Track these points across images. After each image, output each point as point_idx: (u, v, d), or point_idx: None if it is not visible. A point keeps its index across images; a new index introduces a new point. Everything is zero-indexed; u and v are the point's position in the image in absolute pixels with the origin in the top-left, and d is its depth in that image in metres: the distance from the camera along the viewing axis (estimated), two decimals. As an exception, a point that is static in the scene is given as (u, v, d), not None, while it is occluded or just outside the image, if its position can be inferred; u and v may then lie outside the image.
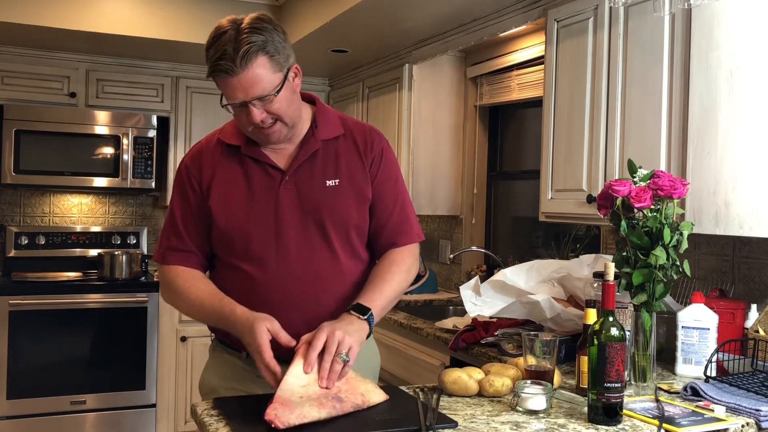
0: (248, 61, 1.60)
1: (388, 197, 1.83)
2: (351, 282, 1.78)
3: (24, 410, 3.86)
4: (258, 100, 1.63)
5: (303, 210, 1.74)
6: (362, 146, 1.81)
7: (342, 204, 1.76)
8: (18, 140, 4.13)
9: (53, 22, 3.72)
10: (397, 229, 1.83)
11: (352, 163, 1.79)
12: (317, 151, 1.77)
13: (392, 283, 1.75)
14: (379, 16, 3.30)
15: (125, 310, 4.09)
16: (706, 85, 2.04)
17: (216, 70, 1.63)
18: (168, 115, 4.52)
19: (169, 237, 1.81)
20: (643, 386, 1.84)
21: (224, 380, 1.81)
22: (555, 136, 2.70)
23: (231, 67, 1.60)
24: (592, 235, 3.18)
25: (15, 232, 4.41)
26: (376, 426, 1.45)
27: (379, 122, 4.07)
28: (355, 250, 1.81)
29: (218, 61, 1.61)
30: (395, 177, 1.86)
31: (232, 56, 1.59)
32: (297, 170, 1.76)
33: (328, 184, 1.76)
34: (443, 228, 4.20)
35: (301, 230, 1.74)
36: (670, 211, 1.84)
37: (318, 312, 1.72)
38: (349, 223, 1.77)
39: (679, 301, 2.37)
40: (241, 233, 1.73)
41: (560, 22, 2.68)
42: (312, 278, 1.74)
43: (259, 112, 1.65)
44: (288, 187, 1.75)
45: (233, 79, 1.61)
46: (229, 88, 1.63)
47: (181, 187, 1.81)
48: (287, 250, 1.73)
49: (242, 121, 1.69)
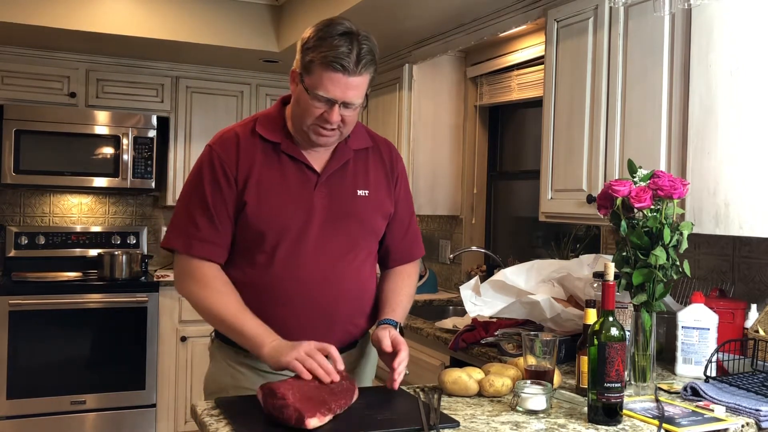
0: (364, 68, 1.66)
1: (406, 214, 1.94)
2: (366, 286, 1.85)
3: (24, 410, 3.86)
4: (345, 105, 1.67)
5: (333, 215, 1.77)
6: (388, 163, 1.89)
7: (370, 214, 1.83)
8: (18, 140, 4.12)
9: (53, 22, 3.71)
10: (412, 245, 1.97)
11: (379, 176, 1.86)
12: (349, 160, 1.82)
13: (411, 298, 1.93)
14: (379, 16, 3.30)
15: (125, 310, 4.09)
16: (706, 85, 2.04)
17: (333, 62, 1.63)
18: (168, 115, 4.53)
19: (197, 224, 1.73)
20: (643, 386, 1.84)
21: (233, 379, 1.81)
22: (555, 136, 2.70)
23: (351, 68, 1.64)
24: (592, 235, 3.18)
25: (15, 232, 4.41)
26: (377, 426, 1.45)
27: (379, 122, 4.07)
28: (372, 258, 1.88)
29: (340, 56, 1.62)
30: (409, 193, 1.98)
31: (355, 59, 1.63)
32: (331, 176, 1.79)
33: (359, 193, 1.81)
34: (443, 228, 4.20)
35: (329, 234, 1.77)
36: (670, 211, 1.84)
37: (332, 313, 1.77)
38: (374, 233, 1.85)
39: (679, 301, 2.37)
40: (274, 231, 1.73)
41: (560, 22, 2.68)
42: (333, 281, 1.76)
43: (338, 115, 1.68)
44: (322, 190, 1.77)
45: (343, 77, 1.64)
46: (332, 83, 1.65)
47: (212, 173, 1.74)
48: (313, 251, 1.75)
49: (313, 114, 1.69)
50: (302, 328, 1.72)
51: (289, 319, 1.74)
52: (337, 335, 1.78)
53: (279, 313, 1.74)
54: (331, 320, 1.77)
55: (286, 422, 1.41)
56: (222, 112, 4.59)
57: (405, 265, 1.96)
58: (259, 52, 4.20)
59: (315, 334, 1.71)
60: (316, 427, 1.40)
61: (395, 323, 1.78)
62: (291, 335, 1.68)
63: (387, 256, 1.94)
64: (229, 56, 4.31)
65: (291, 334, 1.68)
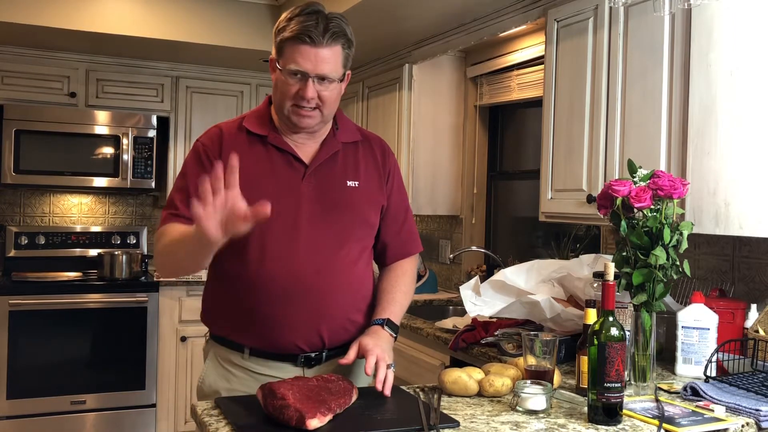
0: (333, 41, 1.69)
1: (400, 209, 1.93)
2: (359, 279, 1.83)
3: (24, 410, 3.86)
4: (319, 79, 1.69)
5: (323, 206, 1.78)
6: (380, 157, 1.90)
7: (361, 205, 1.82)
8: (18, 140, 4.13)
9: (53, 22, 3.72)
10: (408, 241, 1.96)
11: (370, 169, 1.86)
12: (338, 152, 1.83)
13: (408, 295, 1.91)
14: (379, 16, 3.30)
15: (125, 310, 4.09)
16: (706, 85, 2.04)
17: (301, 35, 1.67)
18: (168, 115, 4.53)
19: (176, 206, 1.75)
20: (643, 386, 1.84)
21: (227, 382, 1.81)
22: (555, 136, 2.70)
23: (318, 38, 1.67)
24: (592, 235, 3.18)
25: (15, 232, 4.41)
26: (377, 426, 1.45)
27: (379, 122, 4.07)
28: (366, 250, 1.86)
29: (307, 29, 1.66)
30: (403, 188, 1.97)
31: (322, 30, 1.67)
32: (319, 167, 1.80)
33: (349, 184, 1.81)
34: (443, 228, 4.20)
35: (319, 226, 1.76)
36: (670, 211, 1.84)
37: (325, 305, 1.76)
38: (365, 223, 1.84)
39: (679, 301, 2.37)
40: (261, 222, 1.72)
41: (560, 22, 2.68)
42: (325, 273, 1.75)
43: (313, 90, 1.70)
44: (310, 181, 1.78)
45: (312, 49, 1.67)
46: (302, 56, 1.68)
47: (195, 159, 1.79)
48: (303, 243, 1.75)
49: (289, 92, 1.71)
50: (294, 323, 1.72)
51: (282, 312, 1.73)
52: (331, 330, 1.77)
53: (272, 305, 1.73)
54: (324, 314, 1.75)
55: (286, 423, 1.41)
56: (222, 112, 4.60)
57: (401, 261, 1.95)
58: (259, 52, 4.20)
59: (308, 329, 1.72)
60: (316, 427, 1.40)
61: (382, 321, 1.78)
62: (283, 329, 1.68)
63: (383, 253, 1.93)
64: (229, 56, 4.31)
65: (283, 328, 1.69)
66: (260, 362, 1.78)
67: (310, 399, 1.46)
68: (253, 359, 1.78)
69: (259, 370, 1.77)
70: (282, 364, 1.77)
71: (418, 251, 2.00)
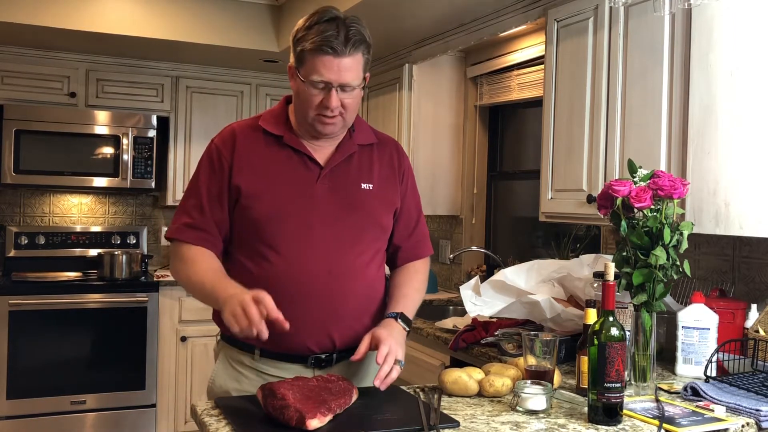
0: (355, 49, 1.69)
1: (413, 211, 1.95)
2: (372, 281, 1.84)
3: (24, 410, 3.86)
4: (342, 88, 1.69)
5: (337, 207, 1.78)
6: (395, 159, 1.91)
7: (375, 208, 1.83)
8: (18, 140, 4.12)
9: (53, 22, 3.71)
10: (420, 242, 1.97)
11: (384, 172, 1.87)
12: (353, 154, 1.84)
13: (420, 292, 1.95)
14: (379, 16, 3.30)
15: (125, 310, 4.09)
16: (706, 85, 2.04)
17: (323, 46, 1.66)
18: (168, 115, 4.53)
19: (189, 212, 1.79)
20: (643, 386, 1.84)
21: (237, 383, 1.80)
22: (555, 136, 2.70)
23: (341, 48, 1.66)
24: (592, 235, 3.18)
25: (15, 232, 4.41)
26: (377, 426, 1.45)
27: (379, 122, 4.07)
28: (378, 252, 1.87)
29: (328, 39, 1.66)
30: (416, 190, 1.98)
31: (343, 40, 1.66)
32: (334, 168, 1.80)
33: (363, 187, 1.82)
34: (443, 228, 4.20)
35: (332, 227, 1.77)
36: (670, 211, 1.84)
37: (337, 307, 1.76)
38: (378, 226, 1.84)
39: (679, 301, 2.37)
40: (275, 222, 1.74)
41: (560, 22, 2.68)
42: (337, 274, 1.76)
43: (337, 99, 1.70)
44: (325, 183, 1.78)
45: (335, 59, 1.67)
46: (325, 66, 1.67)
47: (209, 163, 1.80)
48: (316, 244, 1.75)
49: (312, 102, 1.72)
50: (305, 324, 1.72)
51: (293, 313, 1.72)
52: (342, 333, 1.77)
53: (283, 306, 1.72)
54: (335, 315, 1.76)
55: (286, 423, 1.41)
56: (222, 112, 4.60)
57: (413, 262, 1.96)
58: (259, 52, 4.20)
59: (318, 330, 1.72)
60: (316, 427, 1.40)
61: (396, 314, 1.78)
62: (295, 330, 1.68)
63: (395, 255, 1.94)
64: (229, 56, 4.31)
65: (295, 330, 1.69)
66: (270, 363, 1.78)
67: (310, 399, 1.46)
68: (264, 360, 1.78)
69: (269, 371, 1.77)
70: (292, 365, 1.77)
71: (429, 254, 2.00)
